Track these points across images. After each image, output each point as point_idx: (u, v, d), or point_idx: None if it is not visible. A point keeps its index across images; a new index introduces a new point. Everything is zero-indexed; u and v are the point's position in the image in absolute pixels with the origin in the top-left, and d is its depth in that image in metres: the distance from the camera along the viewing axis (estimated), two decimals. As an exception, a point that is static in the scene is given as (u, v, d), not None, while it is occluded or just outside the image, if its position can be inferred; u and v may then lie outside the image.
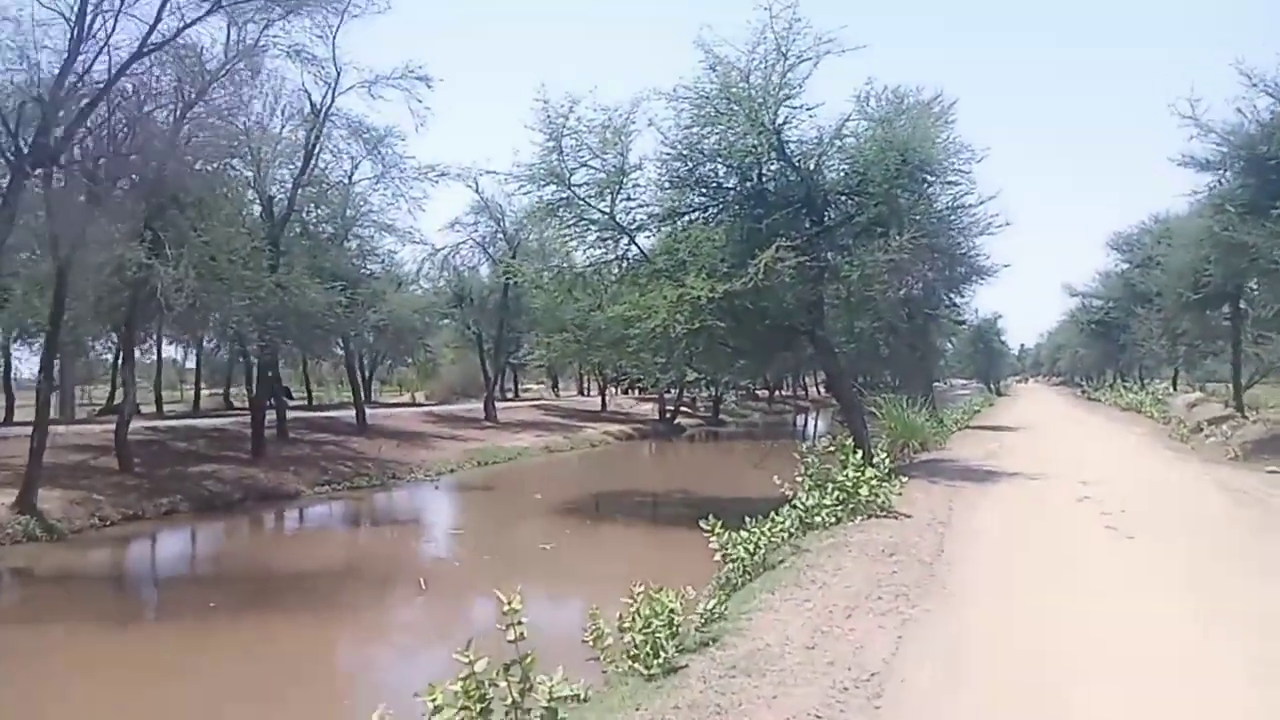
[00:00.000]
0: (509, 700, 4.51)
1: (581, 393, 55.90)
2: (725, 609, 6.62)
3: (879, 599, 6.97)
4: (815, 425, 44.44)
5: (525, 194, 17.50)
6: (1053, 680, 5.12)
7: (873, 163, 15.44)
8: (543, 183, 16.28)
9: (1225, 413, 23.94)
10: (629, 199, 16.26)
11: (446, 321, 37.30)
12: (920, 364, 31.10)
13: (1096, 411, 38.60)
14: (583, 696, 5.41)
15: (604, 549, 14.43)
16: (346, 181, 25.16)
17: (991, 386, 65.84)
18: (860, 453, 12.54)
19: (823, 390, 47.57)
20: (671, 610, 5.81)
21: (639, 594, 5.98)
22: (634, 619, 5.78)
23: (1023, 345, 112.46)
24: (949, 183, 16.81)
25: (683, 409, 43.49)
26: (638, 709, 4.77)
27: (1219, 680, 5.08)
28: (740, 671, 5.26)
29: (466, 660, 4.24)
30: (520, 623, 4.58)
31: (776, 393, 60.26)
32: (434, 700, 4.02)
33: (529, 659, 4.52)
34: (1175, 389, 37.60)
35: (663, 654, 5.45)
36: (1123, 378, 47.41)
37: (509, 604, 4.52)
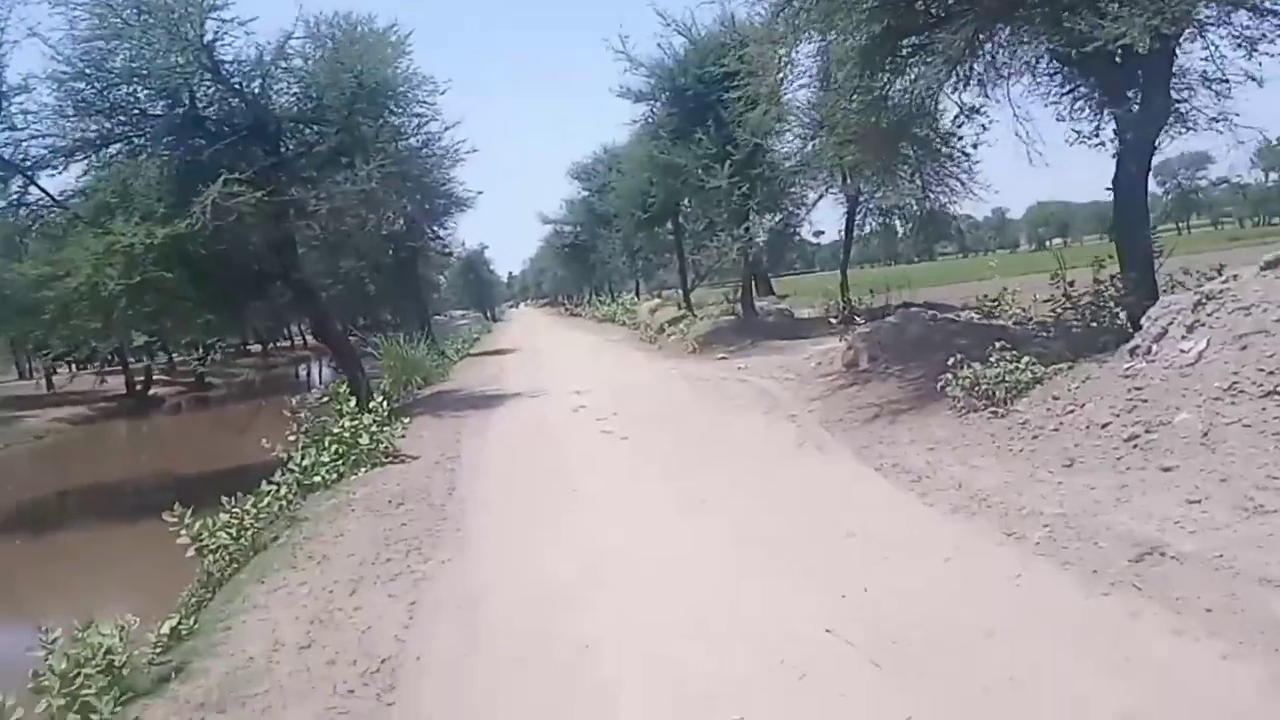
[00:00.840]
0: None
1: (23, 375, 45.35)
2: (195, 623, 5.24)
3: (388, 561, 6.16)
4: (320, 374, 41.82)
5: None
6: (574, 616, 4.82)
7: (327, 87, 14.02)
8: None
9: (680, 314, 27.34)
10: (14, 129, 12.65)
11: None
12: (415, 299, 30.73)
13: (579, 326, 42.04)
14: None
15: (70, 560, 11.44)
16: None
17: (488, 314, 68.76)
18: (355, 398, 11.53)
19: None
20: (108, 650, 4.33)
21: (52, 640, 4.36)
22: (49, 676, 4.19)
23: (510, 272, 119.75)
24: (416, 114, 16.13)
25: (158, 377, 37.71)
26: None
27: (722, 570, 5.24)
28: (212, 708, 4.07)
29: None
30: None
31: (272, 345, 55.62)
32: None
33: None
34: (639, 298, 42.37)
35: (95, 717, 4.00)
36: (597, 293, 52.45)
37: None
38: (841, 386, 10.71)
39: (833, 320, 17.26)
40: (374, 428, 10.55)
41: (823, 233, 31.94)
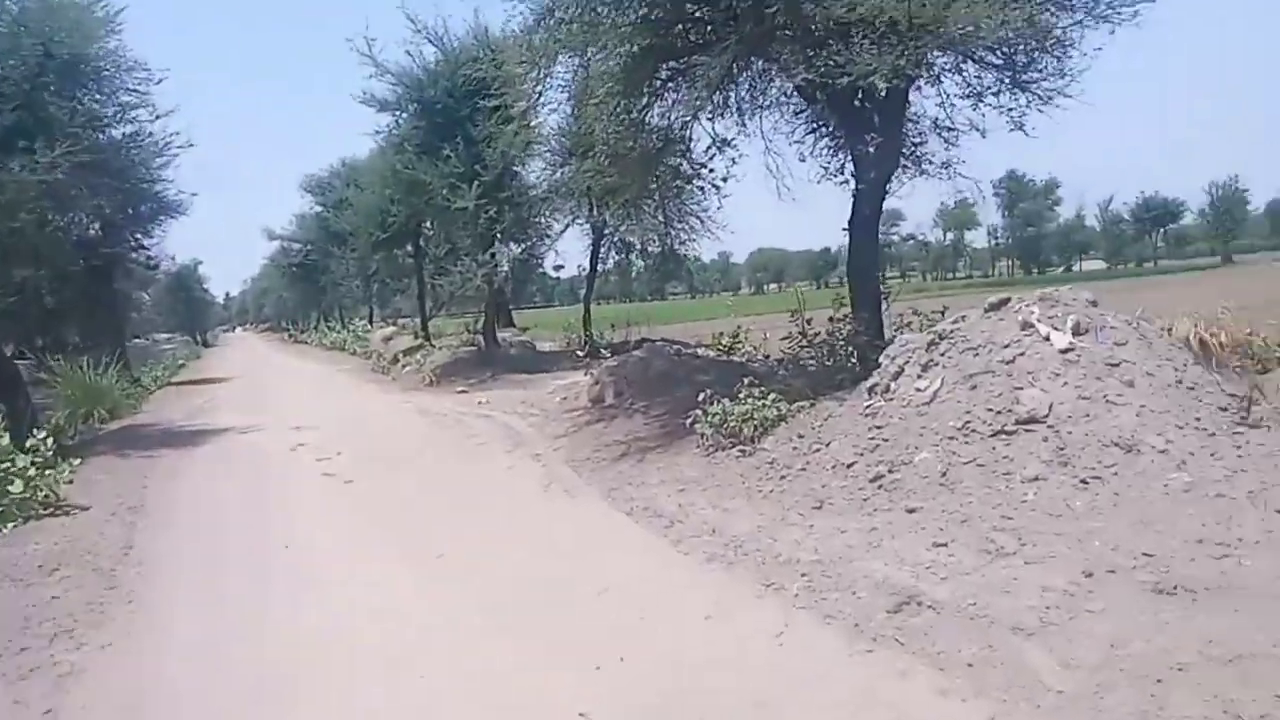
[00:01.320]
0: None
1: None
2: None
3: (23, 651, 4.75)
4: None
5: None
6: (277, 713, 3.90)
7: (5, 53, 11.78)
8: None
9: (417, 343, 26.01)
10: None
11: None
12: (110, 317, 26.96)
13: (305, 355, 39.10)
14: None
15: None
16: None
17: (198, 338, 62.39)
18: (11, 434, 9.47)
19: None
20: None
21: None
22: None
23: (228, 293, 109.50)
24: (125, 104, 13.95)
25: None
26: None
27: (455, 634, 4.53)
28: None
29: None
30: None
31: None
32: None
33: None
34: (372, 325, 40.10)
35: None
36: (326, 318, 49.04)
37: None
38: (588, 423, 10.34)
39: (579, 354, 17.03)
40: (31, 470, 8.66)
41: (562, 266, 31.99)
